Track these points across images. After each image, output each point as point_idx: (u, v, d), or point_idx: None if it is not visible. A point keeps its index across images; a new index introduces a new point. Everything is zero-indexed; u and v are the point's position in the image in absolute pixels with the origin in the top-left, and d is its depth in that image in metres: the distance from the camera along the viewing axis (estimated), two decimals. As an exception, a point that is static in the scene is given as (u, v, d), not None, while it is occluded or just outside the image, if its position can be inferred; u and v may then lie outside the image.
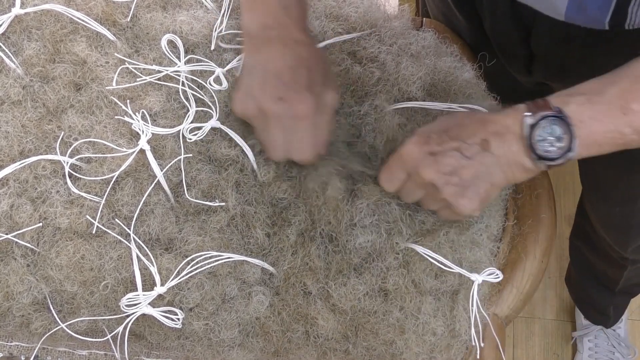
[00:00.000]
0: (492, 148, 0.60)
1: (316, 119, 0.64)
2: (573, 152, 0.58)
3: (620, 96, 0.57)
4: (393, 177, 0.65)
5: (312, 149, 0.66)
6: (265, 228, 0.68)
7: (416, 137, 0.63)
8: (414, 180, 0.63)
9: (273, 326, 0.67)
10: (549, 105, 0.58)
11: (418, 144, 0.62)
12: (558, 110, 0.58)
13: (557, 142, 0.58)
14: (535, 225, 0.77)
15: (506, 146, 0.60)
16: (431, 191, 0.63)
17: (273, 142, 0.66)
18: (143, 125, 0.68)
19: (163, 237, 0.67)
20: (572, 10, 0.66)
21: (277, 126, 0.64)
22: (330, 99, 0.65)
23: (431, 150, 0.61)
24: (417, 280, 0.66)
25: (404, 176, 0.64)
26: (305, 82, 0.63)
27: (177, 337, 0.68)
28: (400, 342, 0.66)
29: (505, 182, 0.62)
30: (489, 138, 0.60)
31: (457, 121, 0.63)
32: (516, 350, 1.55)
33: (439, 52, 0.78)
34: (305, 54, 0.65)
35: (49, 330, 0.67)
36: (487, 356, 0.71)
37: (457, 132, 0.61)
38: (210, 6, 0.76)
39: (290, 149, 0.66)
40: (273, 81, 0.63)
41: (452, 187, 0.61)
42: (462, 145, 0.60)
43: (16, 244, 0.66)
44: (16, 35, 0.74)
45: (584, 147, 0.58)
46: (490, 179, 0.61)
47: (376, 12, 0.78)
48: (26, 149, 0.69)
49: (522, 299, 0.75)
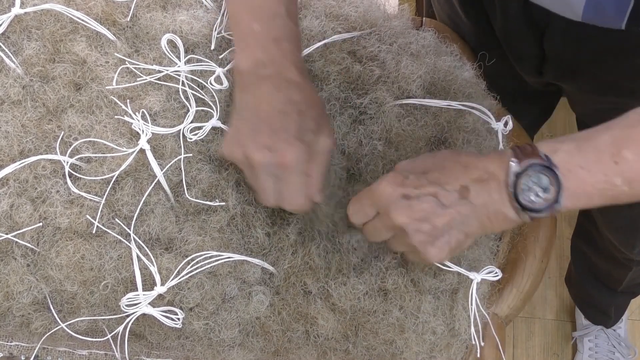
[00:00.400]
0: (472, 196, 0.56)
1: (308, 167, 0.62)
2: (559, 205, 0.54)
3: (611, 143, 0.53)
4: (361, 211, 0.62)
5: (303, 198, 0.63)
6: (265, 227, 0.68)
7: (392, 176, 0.60)
8: (383, 220, 0.60)
9: (273, 326, 0.67)
10: (537, 152, 0.55)
11: (393, 184, 0.59)
12: (546, 158, 0.54)
13: (543, 192, 0.54)
14: (535, 225, 0.77)
15: (487, 194, 0.56)
16: (399, 235, 0.60)
17: (262, 190, 0.63)
18: (143, 124, 0.68)
19: (163, 237, 0.67)
20: (590, 11, 0.64)
21: (266, 175, 0.62)
22: (323, 145, 0.62)
23: (406, 193, 0.58)
24: (416, 280, 0.66)
25: (373, 213, 0.61)
26: (295, 130, 0.61)
27: (177, 336, 0.68)
28: (400, 341, 0.66)
29: (481, 232, 0.60)
30: (469, 185, 0.57)
31: (439, 163, 0.60)
32: (516, 350, 1.55)
33: (439, 52, 0.78)
34: (298, 96, 0.62)
35: (49, 330, 0.67)
36: (487, 355, 0.71)
37: (436, 176, 0.58)
38: (210, 6, 0.76)
39: (281, 198, 0.63)
40: (262, 128, 0.61)
41: (422, 234, 0.58)
42: (440, 191, 0.57)
43: (16, 244, 0.66)
44: (16, 35, 0.74)
45: (572, 199, 0.54)
46: (465, 229, 0.58)
47: (376, 11, 0.79)
48: (26, 149, 0.69)
49: (522, 298, 0.75)
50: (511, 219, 0.57)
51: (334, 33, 0.74)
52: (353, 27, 0.75)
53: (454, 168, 0.58)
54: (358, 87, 0.73)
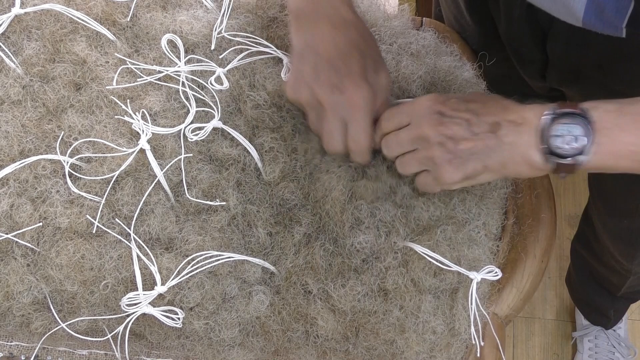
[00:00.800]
0: (502, 133, 0.58)
1: (374, 107, 0.63)
2: (586, 157, 0.56)
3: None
4: (396, 117, 0.63)
5: (370, 138, 0.64)
6: (267, 227, 0.68)
7: (436, 95, 0.62)
8: (411, 130, 0.62)
9: (273, 325, 0.67)
10: (577, 106, 0.56)
11: (434, 100, 0.61)
12: (584, 111, 0.56)
13: (573, 141, 0.56)
14: (535, 225, 0.77)
15: (517, 135, 0.58)
16: (420, 149, 0.61)
17: (329, 132, 0.64)
18: (143, 124, 0.68)
19: (163, 237, 0.67)
20: (590, 15, 0.64)
21: (334, 116, 0.63)
22: (385, 83, 0.64)
23: (442, 110, 0.60)
24: (416, 279, 0.66)
25: (405, 122, 0.63)
26: (359, 69, 0.62)
27: (177, 336, 0.68)
28: (400, 341, 0.66)
29: (500, 169, 0.60)
30: (502, 123, 0.58)
31: (483, 98, 0.62)
32: (516, 350, 1.55)
33: (439, 52, 0.78)
34: (356, 35, 0.63)
35: (49, 329, 0.67)
36: (487, 355, 0.71)
37: (475, 106, 0.60)
38: (210, 6, 0.76)
39: (347, 139, 0.64)
40: (326, 68, 0.62)
41: (443, 150, 0.60)
42: (473, 119, 0.59)
43: (16, 244, 0.66)
44: (16, 35, 0.74)
45: (601, 155, 0.56)
46: (485, 161, 0.59)
47: (376, 11, 0.79)
48: (26, 149, 0.69)
49: (522, 298, 0.75)
50: (534, 164, 0.58)
51: (334, 33, 0.74)
52: (353, 27, 0.75)
53: (494, 105, 0.60)
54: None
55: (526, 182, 0.77)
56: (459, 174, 0.60)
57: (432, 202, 0.68)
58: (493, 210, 0.72)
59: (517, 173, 0.61)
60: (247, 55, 0.72)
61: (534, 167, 0.58)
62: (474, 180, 0.62)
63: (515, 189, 0.77)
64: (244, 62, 0.72)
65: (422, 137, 0.61)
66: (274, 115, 0.70)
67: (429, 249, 0.66)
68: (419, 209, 0.68)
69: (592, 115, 0.55)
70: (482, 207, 0.71)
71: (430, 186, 0.65)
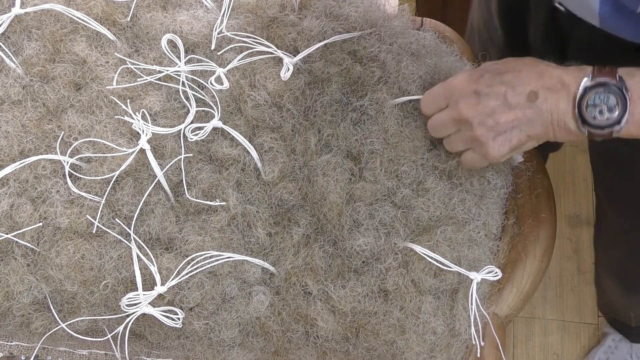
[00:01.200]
0: (539, 101, 0.59)
1: None
2: (620, 127, 0.57)
3: None
4: (433, 101, 0.66)
5: None
6: (267, 227, 0.68)
7: (470, 72, 0.63)
8: (451, 112, 0.63)
9: (273, 326, 0.67)
10: (614, 73, 0.57)
11: (468, 79, 0.62)
12: (620, 80, 0.56)
13: (607, 111, 0.57)
14: (535, 225, 0.77)
15: (555, 102, 0.59)
16: (463, 129, 0.63)
17: None
18: (143, 124, 0.68)
19: (163, 237, 0.66)
20: (606, 7, 0.64)
21: None
22: None
23: (478, 89, 0.61)
24: (416, 280, 0.66)
25: (444, 104, 0.64)
26: None
27: (177, 336, 0.68)
28: (401, 342, 0.66)
29: (543, 136, 0.62)
30: (540, 91, 0.59)
31: (517, 67, 0.62)
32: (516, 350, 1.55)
33: (439, 52, 0.78)
34: None
35: (49, 329, 0.67)
36: (487, 355, 0.71)
37: (509, 78, 0.61)
38: (210, 6, 0.76)
39: None
40: None
41: (485, 128, 0.61)
42: (509, 92, 0.60)
43: (16, 244, 0.66)
44: (16, 35, 0.74)
45: (635, 125, 0.57)
46: (528, 131, 0.61)
47: (376, 11, 0.78)
48: (26, 149, 0.69)
49: (522, 298, 0.75)
50: (573, 131, 0.59)
51: (334, 33, 0.74)
52: (353, 27, 0.75)
53: (529, 73, 0.61)
54: (359, 89, 0.73)
55: (526, 182, 0.77)
56: (505, 148, 0.62)
57: (432, 203, 0.68)
58: (493, 210, 0.72)
59: (557, 137, 0.61)
60: (247, 55, 0.72)
61: (572, 133, 0.60)
62: (521, 149, 0.64)
63: (515, 189, 0.77)
64: (244, 62, 0.72)
65: (462, 119, 0.62)
66: (274, 115, 0.70)
67: (429, 249, 0.65)
68: (419, 209, 0.68)
69: (628, 83, 0.56)
70: (482, 207, 0.71)
71: (478, 163, 0.66)
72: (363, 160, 0.70)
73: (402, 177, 0.69)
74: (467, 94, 0.62)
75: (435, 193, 0.69)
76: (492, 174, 0.72)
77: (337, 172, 0.68)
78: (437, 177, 0.70)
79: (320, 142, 0.70)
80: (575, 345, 1.55)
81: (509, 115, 0.60)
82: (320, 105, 0.71)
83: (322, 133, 0.70)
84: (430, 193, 0.69)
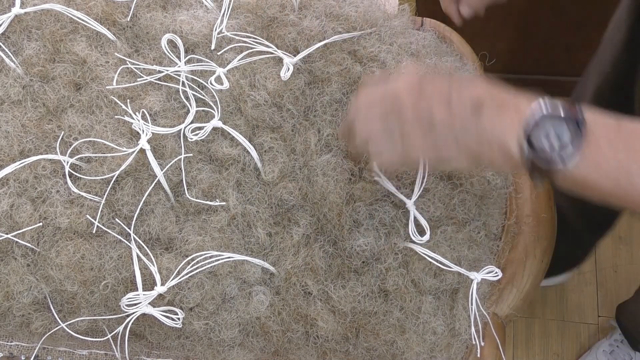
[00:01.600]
0: (484, 116, 0.52)
1: None
2: (567, 163, 0.50)
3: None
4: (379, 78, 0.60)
5: None
6: (267, 227, 0.68)
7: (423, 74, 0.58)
8: (387, 90, 0.56)
9: (273, 326, 0.67)
10: (576, 109, 0.50)
11: (417, 78, 0.56)
12: (581, 118, 0.50)
13: (557, 143, 0.49)
14: (535, 225, 0.77)
15: (499, 119, 0.52)
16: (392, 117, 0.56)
17: None
18: (143, 124, 0.68)
19: (163, 237, 0.66)
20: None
21: None
22: None
23: (425, 81, 0.55)
24: (416, 280, 0.66)
25: None
26: None
27: (177, 336, 0.68)
28: (401, 342, 0.66)
29: (474, 156, 0.54)
30: (487, 104, 0.52)
31: (476, 79, 0.56)
32: (516, 350, 1.55)
33: (439, 51, 0.78)
34: None
35: (49, 330, 0.67)
36: (487, 355, 0.71)
37: (459, 83, 0.55)
38: (210, 6, 0.76)
39: None
40: None
41: (417, 116, 0.54)
42: (454, 94, 0.53)
43: (16, 244, 0.66)
44: (16, 35, 0.74)
45: (583, 166, 0.49)
46: (459, 139, 0.53)
47: (376, 11, 0.78)
48: (26, 149, 0.69)
49: (522, 298, 0.75)
50: (508, 154, 0.51)
51: (334, 33, 0.74)
52: (353, 27, 0.75)
53: (484, 88, 0.54)
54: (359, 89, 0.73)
55: (526, 182, 0.77)
56: (429, 150, 0.55)
57: (432, 203, 0.68)
58: (493, 211, 0.72)
59: (494, 161, 0.53)
60: (247, 55, 0.72)
61: (508, 158, 0.52)
62: (442, 154, 0.55)
63: (515, 189, 0.77)
64: (244, 62, 0.72)
65: (396, 98, 0.56)
66: (274, 115, 0.70)
67: (429, 249, 0.65)
68: (419, 209, 0.68)
69: (589, 124, 0.49)
70: (482, 207, 0.71)
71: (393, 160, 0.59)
72: (363, 160, 0.70)
73: (402, 177, 0.69)
74: (411, 81, 0.55)
75: (435, 193, 0.69)
76: (492, 174, 0.72)
77: (337, 172, 0.68)
78: (437, 177, 0.70)
79: (320, 142, 0.70)
80: (575, 345, 1.55)
81: (443, 114, 0.53)
82: (320, 105, 0.71)
83: (322, 133, 0.70)
84: (430, 193, 0.69)
